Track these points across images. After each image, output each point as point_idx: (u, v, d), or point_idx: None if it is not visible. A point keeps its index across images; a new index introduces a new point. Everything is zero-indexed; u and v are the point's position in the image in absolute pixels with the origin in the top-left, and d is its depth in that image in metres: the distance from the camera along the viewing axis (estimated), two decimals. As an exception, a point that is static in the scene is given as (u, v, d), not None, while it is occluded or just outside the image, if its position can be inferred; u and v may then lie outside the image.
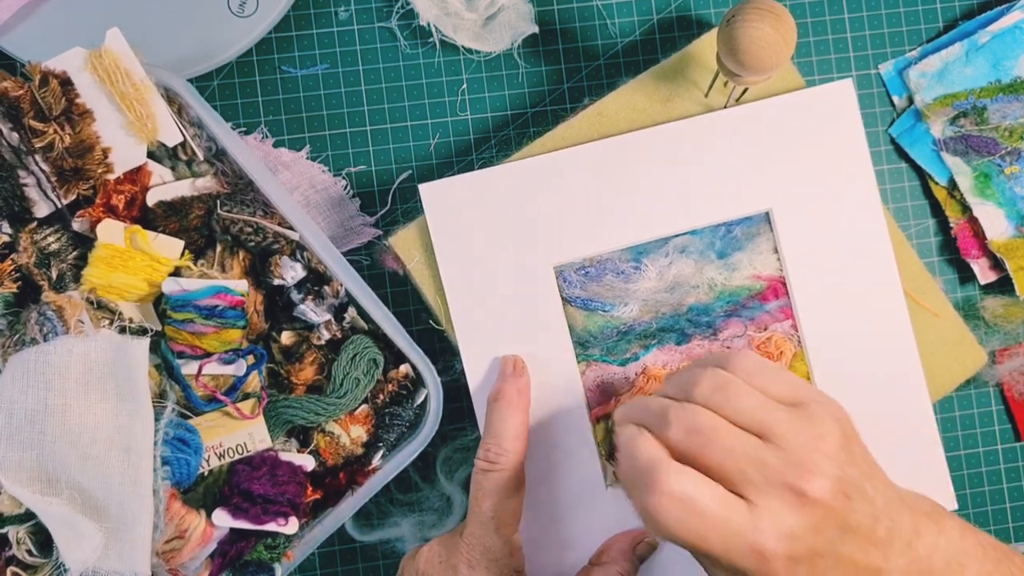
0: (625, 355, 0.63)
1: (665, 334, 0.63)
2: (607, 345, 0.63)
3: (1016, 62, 0.68)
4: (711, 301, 0.64)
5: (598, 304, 0.63)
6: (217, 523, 0.55)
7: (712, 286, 0.64)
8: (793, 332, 0.64)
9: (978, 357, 0.66)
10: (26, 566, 0.52)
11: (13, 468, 0.51)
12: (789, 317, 0.64)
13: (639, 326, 0.63)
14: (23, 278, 0.58)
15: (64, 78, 0.57)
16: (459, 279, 0.62)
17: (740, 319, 0.64)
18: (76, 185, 0.58)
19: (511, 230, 0.62)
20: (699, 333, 0.64)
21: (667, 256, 0.63)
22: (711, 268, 0.64)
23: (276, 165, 0.65)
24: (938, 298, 0.66)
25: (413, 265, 0.63)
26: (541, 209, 0.62)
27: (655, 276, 0.63)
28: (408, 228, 0.63)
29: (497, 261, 0.62)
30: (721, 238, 0.64)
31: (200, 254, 0.61)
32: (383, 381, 0.62)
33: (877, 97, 0.70)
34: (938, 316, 0.66)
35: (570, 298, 0.63)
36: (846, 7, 0.70)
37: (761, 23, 0.53)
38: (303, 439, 0.62)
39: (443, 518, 0.66)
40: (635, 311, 0.63)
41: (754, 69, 0.54)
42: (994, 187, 0.69)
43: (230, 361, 0.59)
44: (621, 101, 0.64)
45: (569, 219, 0.62)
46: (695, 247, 0.63)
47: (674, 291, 0.63)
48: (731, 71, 0.56)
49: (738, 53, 0.54)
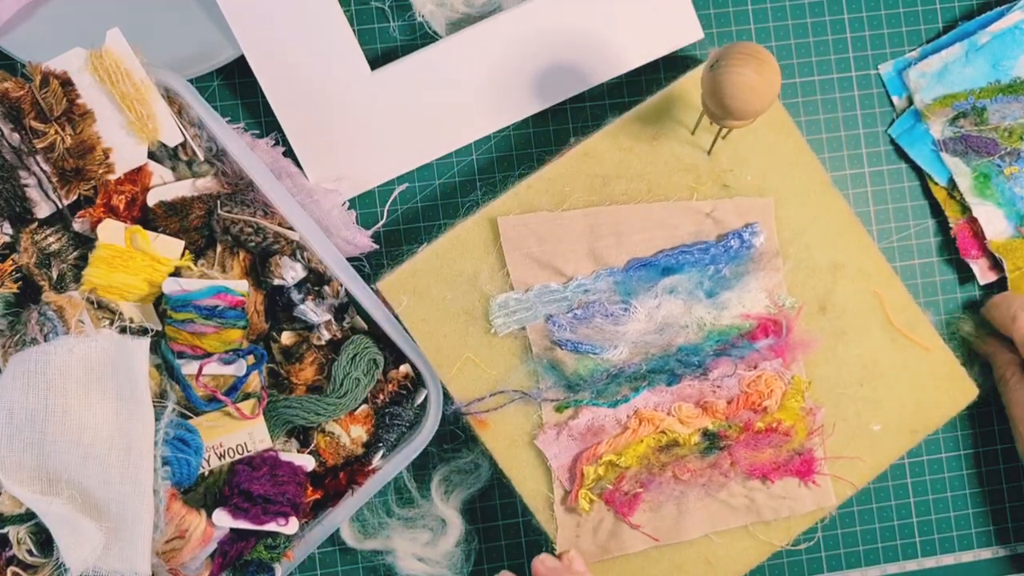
0: (616, 397, 0.63)
1: (655, 375, 0.63)
2: (597, 388, 0.63)
3: (1016, 62, 0.68)
4: (700, 341, 0.64)
5: (588, 347, 0.63)
6: (217, 523, 0.55)
7: (701, 326, 0.64)
8: (784, 371, 0.64)
9: (969, 391, 0.66)
10: (26, 566, 0.53)
11: (14, 468, 0.51)
12: (779, 355, 0.64)
13: (629, 368, 0.63)
14: (24, 278, 0.58)
15: (65, 79, 0.57)
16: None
17: (730, 358, 0.64)
18: (77, 185, 0.58)
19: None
20: (689, 373, 0.64)
21: (656, 297, 0.63)
22: (700, 308, 0.64)
23: (281, 174, 0.65)
24: (927, 332, 0.66)
25: (402, 309, 0.62)
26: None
27: (644, 317, 0.63)
28: (394, 272, 0.62)
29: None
30: (710, 278, 0.64)
31: (200, 254, 0.61)
32: (383, 381, 0.62)
33: (877, 97, 0.70)
34: (928, 350, 0.66)
35: (560, 342, 0.63)
36: (846, 7, 0.70)
37: (745, 68, 0.52)
38: (303, 439, 0.62)
39: (437, 538, 0.66)
40: (625, 353, 0.63)
41: (739, 114, 0.54)
42: (993, 187, 0.69)
43: (230, 361, 0.59)
44: (607, 141, 0.63)
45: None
46: (684, 287, 0.63)
47: (663, 332, 0.63)
48: (715, 115, 0.56)
49: (723, 98, 0.53)
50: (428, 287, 0.62)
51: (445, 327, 0.62)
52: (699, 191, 0.64)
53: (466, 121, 0.66)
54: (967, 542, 0.71)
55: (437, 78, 0.65)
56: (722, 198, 0.64)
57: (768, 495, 0.64)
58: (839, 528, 0.70)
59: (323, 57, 0.64)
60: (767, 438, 0.64)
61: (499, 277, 0.63)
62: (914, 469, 0.70)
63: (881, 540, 0.70)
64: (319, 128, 0.65)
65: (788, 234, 0.65)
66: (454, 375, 0.63)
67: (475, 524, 0.68)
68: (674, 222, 0.64)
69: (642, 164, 0.64)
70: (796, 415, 0.64)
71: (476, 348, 0.63)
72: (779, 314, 0.64)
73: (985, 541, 0.71)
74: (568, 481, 0.63)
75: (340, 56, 0.65)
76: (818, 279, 0.65)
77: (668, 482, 0.63)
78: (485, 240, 0.63)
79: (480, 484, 0.67)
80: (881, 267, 0.65)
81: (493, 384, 0.63)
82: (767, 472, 0.64)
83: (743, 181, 0.64)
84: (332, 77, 0.65)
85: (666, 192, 0.64)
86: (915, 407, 0.65)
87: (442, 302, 0.62)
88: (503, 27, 0.65)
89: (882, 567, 0.70)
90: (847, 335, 0.65)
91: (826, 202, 0.65)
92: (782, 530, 0.65)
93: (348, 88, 0.65)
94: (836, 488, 0.65)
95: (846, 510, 0.70)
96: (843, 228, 0.65)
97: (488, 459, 0.67)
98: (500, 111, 0.66)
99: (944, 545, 0.71)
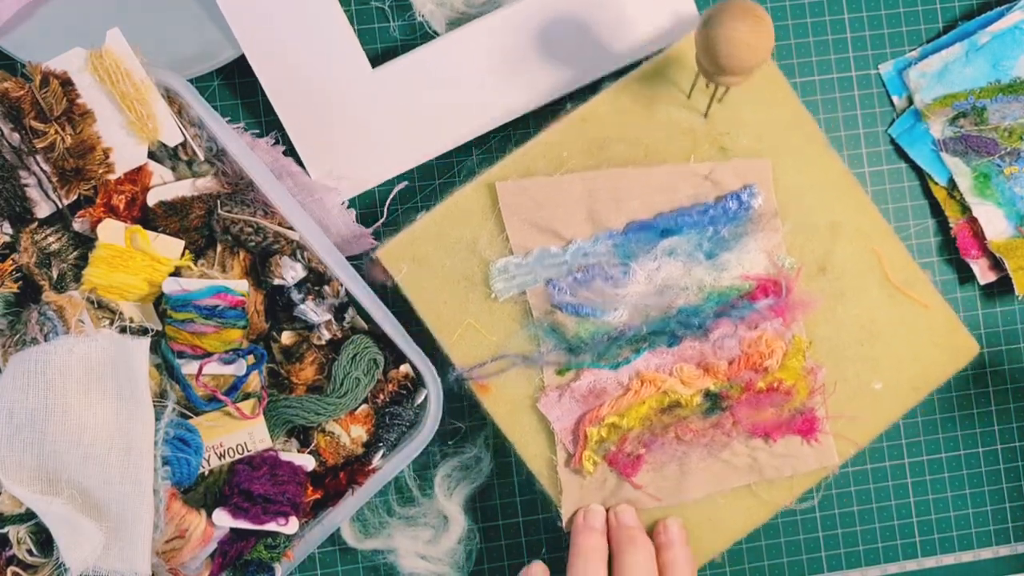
0: (617, 359, 0.63)
1: (656, 337, 0.63)
2: (598, 351, 0.63)
3: (1016, 62, 0.68)
4: (700, 302, 0.64)
5: (588, 310, 0.63)
6: (217, 523, 0.56)
7: (701, 287, 0.64)
8: (784, 331, 0.64)
9: (970, 347, 0.66)
10: (26, 565, 0.53)
11: (14, 468, 0.51)
12: (780, 315, 0.64)
13: (630, 330, 0.63)
14: (24, 278, 0.58)
15: (65, 78, 0.57)
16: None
17: (730, 319, 0.64)
18: (77, 185, 0.58)
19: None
20: (690, 334, 0.64)
21: (655, 260, 0.63)
22: (699, 269, 0.64)
23: (282, 172, 0.65)
24: (927, 289, 0.66)
25: (402, 276, 0.62)
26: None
27: (644, 280, 0.63)
28: (393, 240, 0.62)
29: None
30: (709, 239, 0.63)
31: (200, 254, 0.61)
32: (383, 381, 0.62)
33: (877, 97, 0.70)
34: (927, 307, 0.66)
35: (560, 305, 0.63)
36: (846, 7, 0.70)
37: (738, 23, 0.52)
38: (303, 439, 0.62)
39: (439, 535, 0.66)
40: (625, 315, 0.63)
41: (732, 70, 0.54)
42: (993, 187, 0.69)
43: (230, 361, 0.59)
44: (604, 106, 0.63)
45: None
46: (683, 249, 0.63)
47: (663, 294, 0.63)
48: (709, 72, 0.56)
49: (716, 55, 0.53)
50: (427, 254, 0.62)
51: (445, 293, 0.62)
52: (696, 154, 0.64)
53: (466, 119, 0.66)
54: (967, 542, 0.71)
55: (437, 75, 0.65)
56: (720, 160, 0.64)
57: (770, 454, 0.64)
58: (839, 528, 0.70)
59: (323, 56, 0.64)
60: (768, 398, 0.64)
61: (498, 242, 0.63)
62: (914, 469, 0.70)
63: (881, 540, 0.70)
64: (320, 127, 0.65)
65: (786, 195, 0.65)
66: (455, 341, 0.62)
67: (475, 524, 0.68)
68: (672, 185, 0.64)
69: (639, 128, 0.64)
70: (797, 375, 0.64)
71: (477, 314, 0.63)
72: (779, 274, 0.64)
73: (985, 541, 0.71)
74: (571, 444, 0.63)
75: (341, 54, 0.65)
76: (817, 239, 0.65)
77: (671, 443, 0.63)
78: (483, 206, 0.63)
79: (482, 479, 0.67)
80: (879, 225, 0.65)
81: (494, 349, 0.63)
82: (769, 431, 0.64)
83: (740, 143, 0.64)
84: (333, 76, 0.65)
85: (663, 156, 0.64)
86: (916, 365, 0.65)
87: (442, 269, 0.62)
88: (502, 24, 0.65)
89: (882, 567, 0.70)
90: (846, 295, 0.65)
91: (823, 162, 0.65)
92: (785, 489, 0.65)
93: (349, 86, 0.65)
94: (838, 447, 0.65)
95: (846, 510, 0.70)
96: (841, 188, 0.65)
97: (490, 453, 0.67)
98: (500, 108, 0.66)
99: (944, 545, 0.71)
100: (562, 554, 0.69)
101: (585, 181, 0.63)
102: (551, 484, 0.63)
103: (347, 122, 0.65)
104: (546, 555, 0.69)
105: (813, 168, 0.65)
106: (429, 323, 0.62)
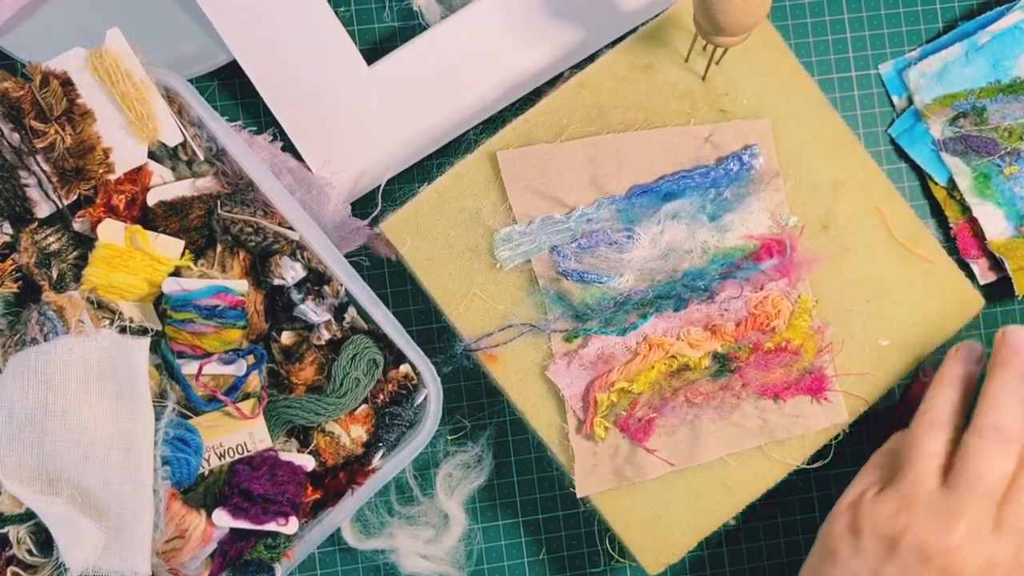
0: (624, 324, 0.63)
1: (662, 301, 0.63)
2: (605, 316, 0.63)
3: (1016, 62, 0.68)
4: (705, 265, 0.64)
5: (594, 276, 0.63)
6: (217, 523, 0.56)
7: (705, 249, 0.64)
8: (790, 290, 0.64)
9: (975, 301, 0.66)
10: (26, 566, 0.53)
11: (13, 468, 0.51)
12: (785, 275, 0.64)
13: (636, 295, 0.63)
14: (24, 278, 0.58)
15: (65, 78, 0.57)
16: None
17: (736, 280, 0.64)
18: (77, 185, 0.58)
19: None
20: (696, 297, 0.63)
21: (658, 223, 0.63)
22: (703, 231, 0.64)
23: (281, 169, 0.65)
24: (931, 244, 0.66)
25: (406, 249, 0.62)
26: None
27: (648, 244, 0.63)
28: (397, 214, 0.62)
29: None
30: (711, 201, 0.64)
31: (200, 254, 0.61)
32: (383, 381, 0.62)
33: (877, 97, 0.70)
34: (932, 262, 0.66)
35: (566, 272, 0.63)
36: (846, 7, 0.70)
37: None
38: (303, 439, 0.62)
39: (440, 534, 0.66)
40: (631, 280, 0.63)
41: (730, 29, 0.54)
42: (993, 187, 0.69)
43: (230, 361, 0.59)
44: (602, 72, 0.63)
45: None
46: (686, 212, 0.63)
47: (668, 258, 0.63)
48: (707, 32, 0.56)
49: (714, 13, 0.53)
50: (431, 226, 0.62)
51: (450, 265, 0.62)
52: (696, 117, 0.64)
53: (465, 109, 0.66)
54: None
55: (433, 66, 0.65)
56: (719, 122, 0.64)
57: (781, 414, 0.64)
58: (839, 528, 0.70)
59: (317, 56, 0.65)
60: (777, 358, 0.64)
61: (502, 211, 0.63)
62: (914, 469, 0.70)
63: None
64: (319, 127, 0.65)
65: (787, 154, 0.65)
66: (461, 312, 0.62)
67: (475, 524, 0.68)
68: (673, 148, 0.64)
69: (638, 93, 0.64)
70: (804, 334, 0.64)
71: (482, 284, 0.63)
72: (782, 234, 0.64)
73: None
74: (581, 410, 0.63)
75: (334, 54, 0.65)
76: (819, 197, 0.65)
77: (681, 406, 0.63)
78: (485, 176, 0.63)
79: (484, 477, 0.67)
80: (880, 182, 0.65)
81: (501, 319, 0.63)
82: (779, 391, 0.64)
83: (739, 105, 0.64)
84: (326, 77, 0.65)
85: (663, 119, 0.64)
86: (922, 320, 0.65)
87: (446, 240, 0.62)
88: (495, 4, 0.65)
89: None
90: (851, 252, 0.65)
91: (823, 121, 0.65)
92: (796, 449, 0.65)
93: (344, 86, 0.65)
94: (848, 404, 0.65)
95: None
96: (841, 146, 0.65)
97: (491, 449, 0.67)
98: (500, 88, 0.66)
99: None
100: (562, 554, 0.69)
101: (586, 147, 0.63)
102: (563, 452, 0.63)
103: (346, 122, 0.65)
104: (546, 555, 0.69)
105: (813, 126, 0.65)
106: (435, 295, 0.62)
